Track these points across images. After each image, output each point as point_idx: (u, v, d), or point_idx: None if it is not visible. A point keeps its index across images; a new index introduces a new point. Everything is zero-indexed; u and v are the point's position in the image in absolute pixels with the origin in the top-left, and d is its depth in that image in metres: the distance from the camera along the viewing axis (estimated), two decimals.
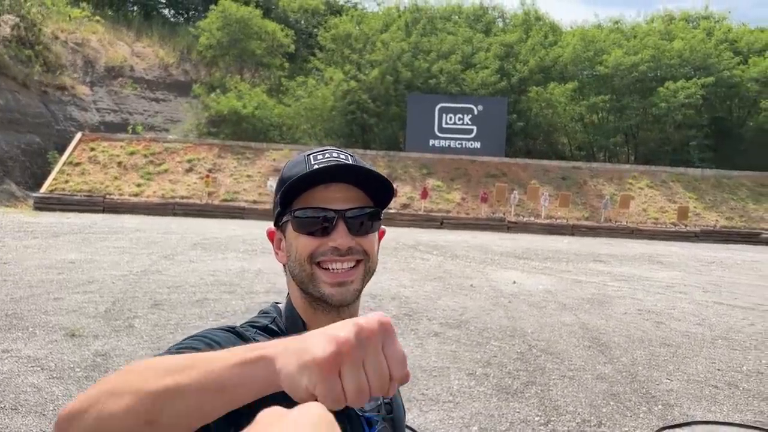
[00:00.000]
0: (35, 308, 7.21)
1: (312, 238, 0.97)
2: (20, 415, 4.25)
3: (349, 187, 0.98)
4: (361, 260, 0.99)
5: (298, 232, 0.99)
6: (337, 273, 0.97)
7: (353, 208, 0.98)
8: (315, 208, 0.97)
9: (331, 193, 0.97)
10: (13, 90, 26.63)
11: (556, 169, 28.25)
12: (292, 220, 1.00)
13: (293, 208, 0.99)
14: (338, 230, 0.97)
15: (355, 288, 0.99)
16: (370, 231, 1.00)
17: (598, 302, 9.43)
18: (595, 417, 4.75)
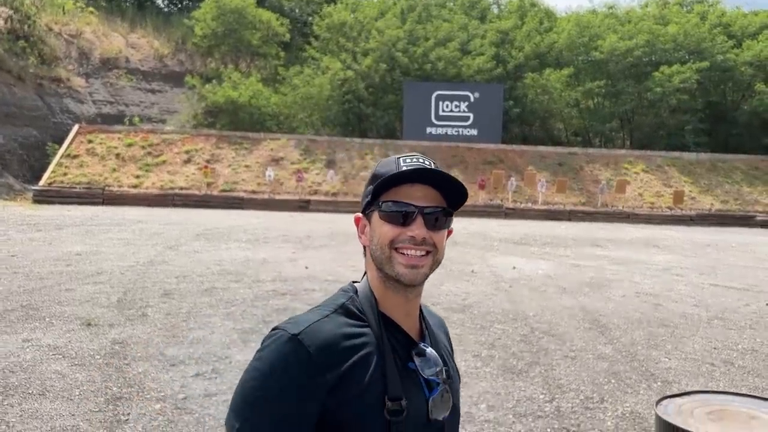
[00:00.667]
0: (49, 299, 7.38)
1: (394, 227, 1.15)
2: (48, 400, 4.43)
3: (429, 188, 1.17)
4: (431, 251, 1.17)
5: (383, 221, 1.17)
6: (411, 257, 1.15)
7: (431, 206, 1.16)
8: (400, 203, 1.15)
9: (414, 191, 1.16)
10: (8, 83, 26.60)
11: (552, 155, 28.43)
12: (379, 211, 1.18)
13: (381, 200, 1.17)
14: (416, 223, 1.15)
15: (424, 272, 1.17)
16: (442, 227, 1.18)
17: (597, 285, 9.65)
18: (597, 394, 4.96)
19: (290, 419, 1.06)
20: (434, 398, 1.16)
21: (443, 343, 1.31)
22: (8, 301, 7.23)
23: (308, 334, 1.09)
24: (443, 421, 1.19)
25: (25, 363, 5.15)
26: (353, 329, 1.14)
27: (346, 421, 1.08)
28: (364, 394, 1.09)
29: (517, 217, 23.75)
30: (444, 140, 28.56)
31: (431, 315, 1.35)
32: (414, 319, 1.24)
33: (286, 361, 1.07)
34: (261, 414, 1.07)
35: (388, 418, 1.09)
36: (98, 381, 4.83)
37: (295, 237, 14.39)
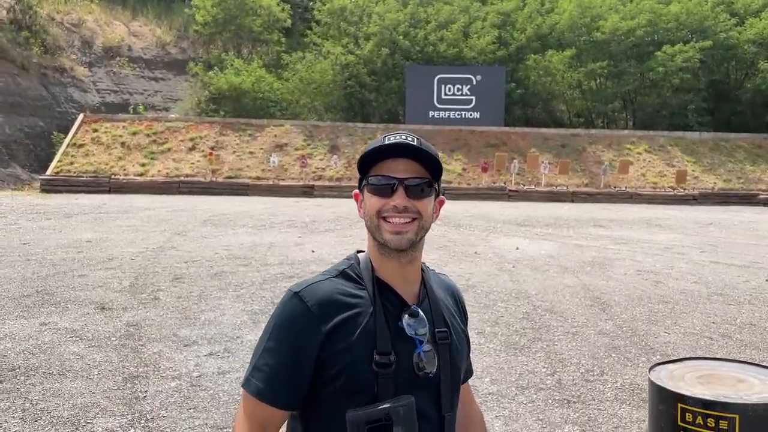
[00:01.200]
0: (63, 284, 7.57)
1: (380, 198, 1.30)
2: (68, 379, 4.62)
3: (411, 162, 1.30)
4: (416, 218, 1.30)
5: (371, 193, 1.32)
6: (396, 225, 1.29)
7: (412, 178, 1.29)
8: (383, 176, 1.30)
9: (396, 165, 1.30)
10: (12, 73, 26.72)
11: (555, 136, 28.45)
12: (367, 185, 1.33)
13: (369, 175, 1.32)
14: (398, 193, 1.29)
15: (408, 238, 1.29)
16: (425, 196, 1.31)
17: (598, 265, 9.79)
18: (597, 367, 5.12)
19: (291, 362, 1.26)
20: (419, 354, 1.28)
21: (447, 305, 1.42)
22: (24, 287, 7.42)
23: (308, 291, 1.28)
24: (436, 377, 1.30)
25: (44, 345, 5.34)
26: (349, 290, 1.30)
27: (340, 370, 1.24)
28: (354, 346, 1.24)
29: (520, 199, 23.85)
30: (446, 124, 28.59)
31: (439, 281, 1.48)
32: (412, 283, 1.37)
33: (290, 314, 1.28)
34: (270, 356, 1.27)
35: (376, 370, 1.23)
36: (115, 361, 5.02)
37: (300, 222, 14.56)
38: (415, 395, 1.25)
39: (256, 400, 1.27)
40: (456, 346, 1.38)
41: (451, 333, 1.37)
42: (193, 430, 3.84)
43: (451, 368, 1.34)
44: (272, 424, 1.30)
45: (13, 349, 5.23)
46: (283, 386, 1.26)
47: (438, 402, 1.32)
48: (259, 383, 1.27)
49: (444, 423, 1.33)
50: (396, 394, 1.24)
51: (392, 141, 1.30)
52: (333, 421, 1.25)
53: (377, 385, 1.24)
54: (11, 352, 5.13)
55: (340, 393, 1.25)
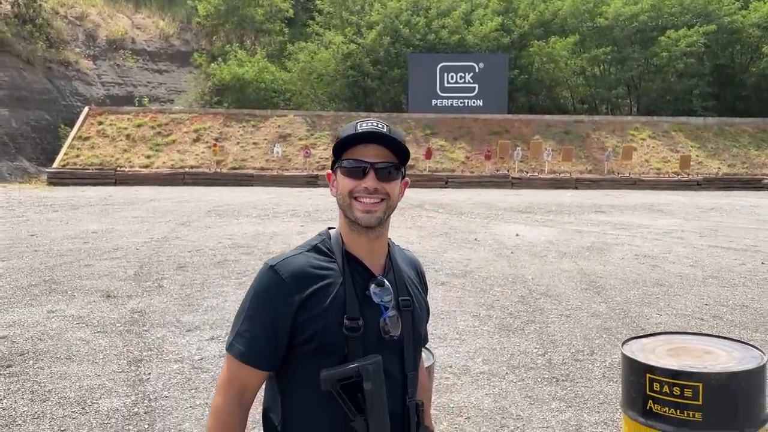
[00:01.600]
0: (69, 274, 7.75)
1: (352, 180, 1.43)
2: (75, 363, 4.80)
3: (381, 148, 1.43)
4: (384, 199, 1.43)
5: (343, 175, 1.44)
6: (366, 204, 1.42)
7: (381, 162, 1.43)
8: (356, 160, 1.43)
9: (367, 150, 1.43)
10: (18, 67, 26.90)
11: (558, 123, 28.43)
12: (340, 167, 1.45)
13: (342, 158, 1.45)
14: (369, 176, 1.42)
15: (377, 216, 1.43)
16: (392, 179, 1.44)
17: (597, 250, 9.90)
18: (588, 348, 5.26)
19: (269, 328, 1.39)
20: (386, 319, 1.41)
21: (410, 277, 1.56)
22: (31, 276, 7.61)
23: (282, 265, 1.42)
24: (400, 340, 1.44)
25: (51, 331, 5.52)
26: (321, 263, 1.43)
27: (313, 333, 1.37)
28: (325, 312, 1.37)
29: (524, 186, 23.91)
30: (449, 112, 28.60)
31: (403, 255, 1.61)
32: (378, 257, 1.50)
33: (267, 284, 1.41)
34: (250, 323, 1.40)
35: (346, 333, 1.37)
36: (120, 346, 5.19)
37: (303, 211, 14.71)
38: (382, 356, 1.37)
39: (238, 363, 1.39)
40: (417, 313, 1.51)
41: (413, 301, 1.50)
42: (194, 409, 4.00)
43: (413, 332, 1.48)
44: (252, 384, 1.42)
45: (22, 335, 5.41)
46: (263, 349, 1.38)
47: (402, 362, 1.46)
48: (241, 347, 1.39)
49: (407, 380, 1.47)
50: (364, 355, 1.36)
51: (365, 128, 1.42)
52: (307, 380, 1.38)
53: (347, 347, 1.36)
54: (20, 338, 5.32)
55: (314, 355, 1.37)
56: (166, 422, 3.81)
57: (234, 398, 1.40)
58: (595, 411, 4.03)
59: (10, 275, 7.66)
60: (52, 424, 3.77)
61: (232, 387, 1.40)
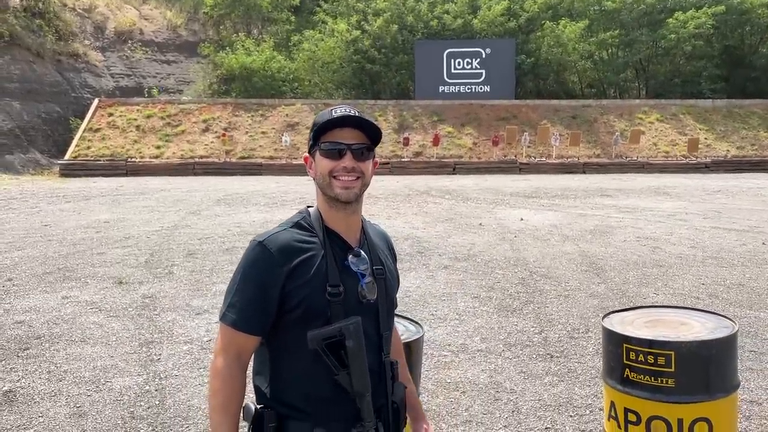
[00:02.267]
0: (82, 262, 7.98)
1: (331, 160, 1.57)
2: (89, 345, 5.01)
3: (355, 130, 1.58)
4: (360, 177, 1.58)
5: (322, 156, 1.58)
6: (345, 182, 1.57)
7: (357, 143, 1.58)
8: (334, 142, 1.57)
9: (344, 133, 1.57)
10: (28, 60, 27.20)
11: (566, 108, 28.40)
12: (319, 150, 1.59)
13: (320, 141, 1.59)
14: (347, 156, 1.56)
15: (355, 192, 1.58)
16: (367, 158, 1.60)
17: (599, 232, 10.01)
18: (583, 326, 5.41)
19: (259, 297, 1.53)
20: (364, 285, 1.58)
21: (382, 249, 1.73)
22: (46, 264, 7.85)
23: (270, 240, 1.56)
24: (375, 303, 1.60)
25: (66, 316, 5.74)
26: (303, 237, 1.58)
27: (299, 300, 1.52)
28: (310, 281, 1.52)
29: (532, 171, 23.96)
30: (457, 98, 28.64)
31: (374, 229, 1.78)
32: (354, 230, 1.66)
33: (255, 259, 1.55)
34: (241, 294, 1.54)
35: (329, 299, 1.52)
36: (132, 329, 5.40)
37: (311, 199, 14.74)
38: (360, 318, 1.53)
39: (232, 330, 1.53)
40: (389, 281, 1.68)
41: (386, 270, 1.67)
42: (202, 387, 4.20)
43: (386, 297, 1.65)
44: (246, 350, 1.56)
45: (38, 320, 5.63)
46: (254, 316, 1.52)
47: (377, 323, 1.62)
48: (234, 315, 1.53)
49: (382, 340, 1.63)
50: (345, 317, 1.51)
51: (339, 114, 1.56)
52: (295, 343, 1.53)
53: (330, 311, 1.52)
54: (36, 323, 5.54)
55: (301, 319, 1.52)
56: (176, 399, 4.01)
57: (232, 359, 1.54)
58: (586, 385, 4.19)
59: (26, 264, 7.90)
60: (68, 401, 3.98)
61: (230, 351, 1.54)
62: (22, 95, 26.14)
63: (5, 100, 25.48)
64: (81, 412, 3.82)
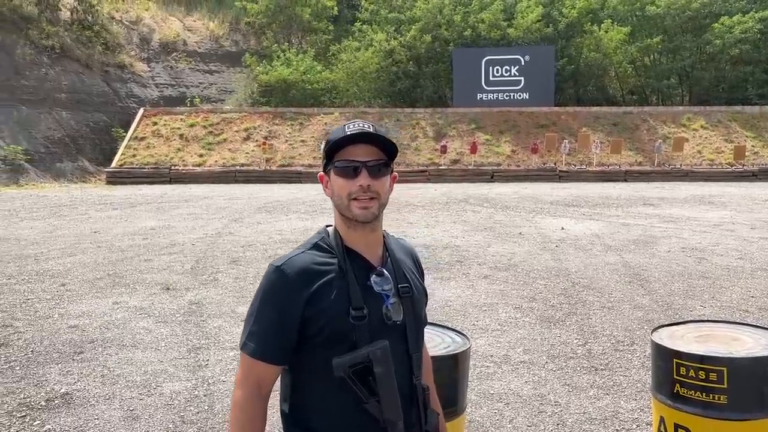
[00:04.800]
0: (131, 268, 8.22)
1: (346, 180, 1.50)
2: (140, 350, 5.17)
3: (370, 146, 1.51)
4: (375, 197, 1.50)
5: (337, 175, 1.51)
6: (362, 201, 1.49)
7: (372, 160, 1.50)
8: (348, 160, 1.50)
9: (358, 150, 1.50)
10: (77, 71, 28.14)
11: (607, 115, 28.00)
12: (333, 168, 1.52)
13: (335, 160, 1.52)
14: (362, 174, 1.49)
15: (373, 212, 1.51)
16: (382, 175, 1.52)
17: (643, 242, 9.85)
18: (628, 338, 5.34)
19: (279, 324, 1.47)
20: (389, 306, 1.51)
21: (407, 265, 1.65)
22: (96, 271, 8.11)
23: (288, 264, 1.49)
24: (402, 324, 1.54)
25: (117, 321, 5.93)
26: (323, 259, 1.51)
27: (322, 325, 1.46)
28: (332, 305, 1.46)
29: (572, 179, 23.69)
30: (495, 105, 28.52)
31: (399, 244, 1.71)
32: (375, 248, 1.58)
33: (274, 284, 1.49)
34: (260, 322, 1.49)
35: (353, 322, 1.45)
36: (180, 334, 5.55)
37: None
38: (387, 340, 1.47)
39: (252, 360, 1.47)
40: (416, 297, 1.61)
41: (412, 287, 1.59)
42: None
43: (414, 316, 1.58)
44: (267, 380, 1.50)
45: (91, 324, 5.83)
46: (274, 344, 1.47)
47: (406, 344, 1.55)
48: (253, 345, 1.47)
49: (412, 361, 1.56)
50: (371, 340, 1.45)
51: (353, 129, 1.50)
52: (318, 370, 1.47)
53: (355, 335, 1.45)
54: (89, 327, 5.73)
55: (325, 344, 1.46)
56: (224, 404, 4.11)
57: (252, 391, 1.49)
58: (633, 398, 4.14)
59: (78, 270, 8.17)
60: (122, 404, 4.11)
61: (249, 382, 1.49)
62: (71, 105, 27.04)
63: (56, 110, 26.40)
64: (134, 415, 3.94)
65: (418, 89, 31.58)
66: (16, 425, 3.80)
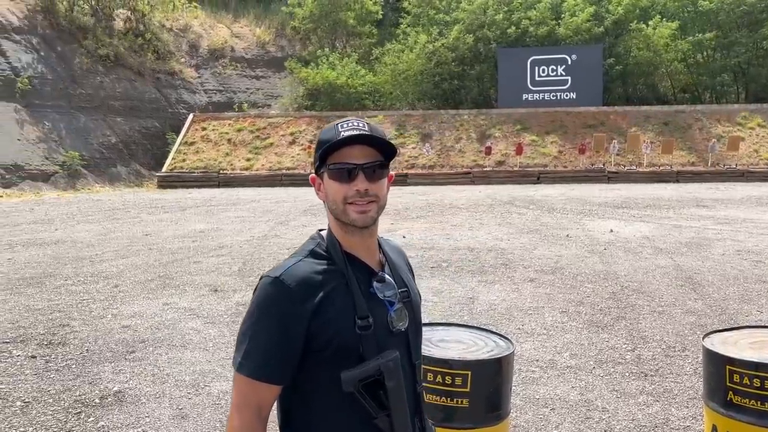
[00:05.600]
0: (181, 270, 8.42)
1: (341, 184, 1.39)
2: (188, 350, 5.29)
3: (365, 147, 1.40)
4: (374, 201, 1.41)
5: (332, 179, 1.41)
6: (360, 205, 1.40)
7: (368, 162, 1.40)
8: (343, 163, 1.39)
9: (353, 152, 1.40)
10: (130, 79, 29.05)
11: (658, 114, 27.28)
12: (327, 171, 1.42)
13: (328, 162, 1.41)
14: (359, 177, 1.39)
15: (371, 216, 1.42)
16: (379, 177, 1.42)
17: (696, 245, 9.56)
18: (680, 344, 5.19)
19: (282, 340, 1.36)
20: (393, 313, 1.44)
21: (402, 268, 1.58)
22: (147, 272, 8.34)
23: (287, 275, 1.37)
24: (405, 331, 1.47)
25: (167, 322, 6.08)
26: (322, 267, 1.41)
27: (329, 338, 1.36)
28: (338, 317, 1.37)
29: (621, 180, 23.17)
30: (541, 106, 28.13)
31: (390, 245, 1.61)
32: (373, 252, 1.49)
33: (273, 297, 1.37)
34: (259, 339, 1.36)
35: (359, 332, 1.37)
36: (227, 335, 5.65)
37: (393, 209, 15.03)
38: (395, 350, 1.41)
39: (250, 382, 1.35)
40: (415, 302, 1.54)
41: (410, 291, 1.53)
42: None
43: (415, 322, 1.52)
44: (266, 403, 1.39)
45: (142, 324, 6.00)
46: (277, 362, 1.35)
47: (409, 353, 1.48)
48: (252, 364, 1.35)
49: (415, 369, 1.50)
50: (378, 351, 1.38)
51: (348, 130, 1.40)
52: (327, 385, 1.38)
53: (362, 346, 1.37)
54: (141, 327, 5.90)
55: (332, 358, 1.36)
56: None
57: (251, 416, 1.37)
58: (684, 406, 4.02)
59: (130, 271, 8.42)
60: (171, 403, 4.22)
61: (249, 407, 1.37)
62: (125, 111, 27.94)
63: (111, 117, 27.31)
64: (183, 414, 4.04)
65: (463, 90, 31.42)
66: (72, 421, 3.94)
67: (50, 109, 25.30)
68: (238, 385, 1.38)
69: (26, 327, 5.92)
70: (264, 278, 1.40)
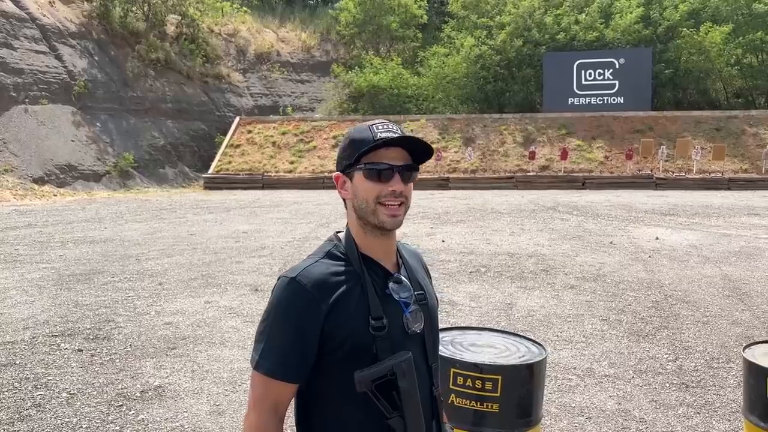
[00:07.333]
0: (223, 270, 8.59)
1: (376, 183, 1.41)
2: (227, 348, 5.39)
3: (400, 150, 1.43)
4: (404, 202, 1.44)
5: (366, 179, 1.42)
6: (392, 208, 1.42)
7: (404, 165, 1.43)
8: (382, 163, 1.41)
9: (389, 153, 1.42)
10: (179, 82, 29.77)
11: (709, 119, 26.48)
12: (363, 170, 1.42)
13: (363, 162, 1.42)
14: (395, 179, 1.42)
15: (400, 220, 1.44)
16: (411, 180, 1.45)
17: (745, 255, 9.26)
18: (724, 355, 5.04)
19: (298, 340, 1.38)
20: (408, 314, 1.45)
21: (419, 271, 1.59)
22: (191, 271, 8.53)
23: (303, 275, 1.40)
24: (421, 333, 1.47)
25: (208, 320, 6.22)
26: (338, 268, 1.43)
27: (343, 339, 1.38)
28: (352, 317, 1.39)
29: (669, 187, 22.59)
30: (587, 110, 27.65)
31: (407, 250, 1.63)
32: (391, 254, 1.51)
33: (290, 297, 1.39)
34: (276, 338, 1.40)
35: (373, 333, 1.39)
36: None
37: (433, 213, 15.01)
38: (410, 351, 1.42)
39: (267, 380, 1.39)
40: (432, 305, 1.55)
41: (426, 294, 1.53)
42: None
43: (431, 324, 1.52)
44: (283, 401, 1.42)
45: (184, 322, 6.14)
46: (293, 361, 1.38)
47: (425, 355, 1.49)
48: (269, 363, 1.38)
49: (432, 372, 1.51)
50: (392, 352, 1.39)
51: (387, 134, 1.42)
52: (340, 385, 1.40)
53: (375, 347, 1.39)
54: (182, 325, 6.05)
55: (346, 358, 1.38)
56: None
57: (268, 413, 1.40)
58: (726, 419, 3.91)
59: (174, 270, 8.63)
60: (209, 399, 4.31)
61: (265, 403, 1.40)
62: (173, 114, 28.65)
63: (160, 119, 28.04)
64: (219, 410, 4.13)
65: (507, 94, 31.13)
66: (114, 413, 4.07)
67: (102, 111, 26.13)
68: (255, 383, 1.42)
69: (74, 321, 6.13)
70: (281, 279, 1.43)
